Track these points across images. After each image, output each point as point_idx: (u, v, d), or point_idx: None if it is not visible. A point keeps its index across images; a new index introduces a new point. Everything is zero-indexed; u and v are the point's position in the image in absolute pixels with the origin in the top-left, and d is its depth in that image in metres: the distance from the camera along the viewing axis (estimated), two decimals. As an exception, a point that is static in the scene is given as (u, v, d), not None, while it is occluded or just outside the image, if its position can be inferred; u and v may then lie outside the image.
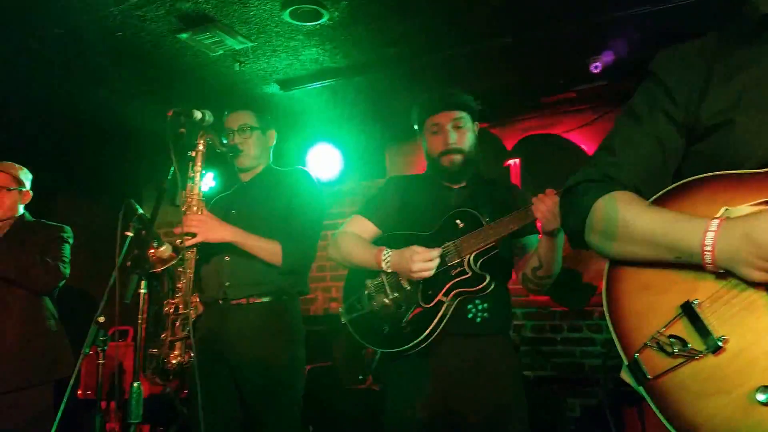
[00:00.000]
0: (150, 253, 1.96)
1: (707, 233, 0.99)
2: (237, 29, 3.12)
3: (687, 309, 1.02)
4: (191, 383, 2.36)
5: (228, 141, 2.46)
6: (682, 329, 1.03)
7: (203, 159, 2.32)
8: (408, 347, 1.96)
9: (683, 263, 1.03)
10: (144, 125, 4.26)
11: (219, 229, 2.28)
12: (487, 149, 4.36)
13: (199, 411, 2.05)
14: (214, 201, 2.62)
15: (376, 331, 2.06)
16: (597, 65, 3.40)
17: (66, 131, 4.51)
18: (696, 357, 1.00)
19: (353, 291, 2.16)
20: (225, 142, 2.44)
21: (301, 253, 2.40)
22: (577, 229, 1.20)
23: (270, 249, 2.33)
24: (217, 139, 2.34)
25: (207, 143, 2.32)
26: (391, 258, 2.01)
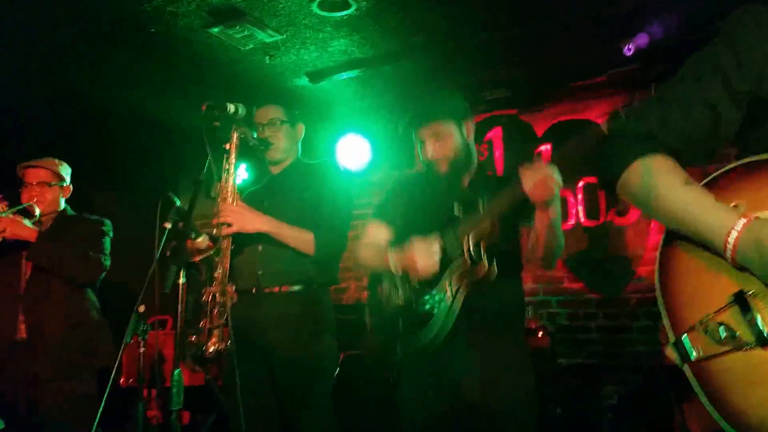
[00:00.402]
0: (188, 244, 2.01)
1: (732, 231, 0.99)
2: (266, 22, 3.15)
3: (739, 299, 1.02)
4: (229, 371, 2.42)
5: (258, 135, 2.50)
6: (731, 318, 1.02)
7: (237, 151, 2.35)
8: (420, 344, 1.98)
9: None
10: (178, 120, 4.33)
11: (254, 220, 2.32)
12: (517, 136, 4.33)
13: (238, 398, 2.10)
14: (246, 194, 2.66)
15: (393, 330, 2.09)
16: (629, 48, 3.32)
17: (102, 127, 4.62)
18: (744, 348, 0.99)
19: (374, 293, 2.20)
20: (255, 135, 2.47)
21: (333, 243, 2.43)
22: (610, 181, 1.20)
23: (303, 239, 2.36)
24: (249, 133, 2.38)
25: (240, 136, 2.35)
26: (397, 258, 2.04)
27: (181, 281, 1.76)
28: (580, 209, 4.04)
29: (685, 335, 1.05)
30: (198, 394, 3.87)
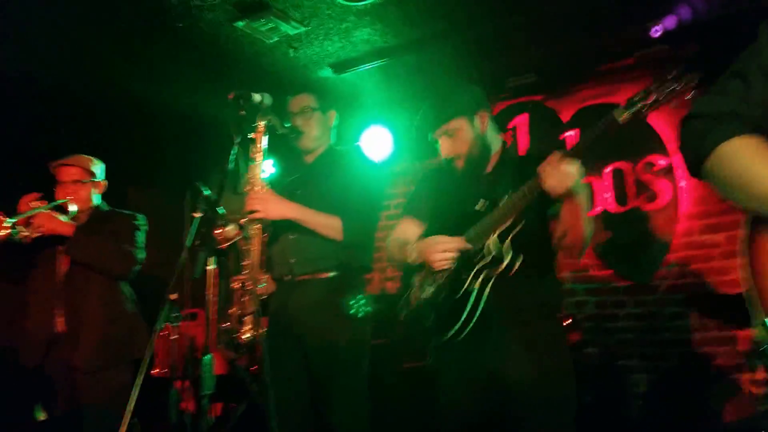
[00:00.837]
0: (216, 233, 2.05)
1: None
2: (290, 14, 3.18)
3: None
4: (261, 359, 2.46)
5: (290, 124, 2.52)
6: None
7: (264, 140, 2.37)
8: (448, 336, 1.99)
9: None
10: (207, 114, 4.39)
11: (280, 206, 2.35)
12: (542, 122, 4.28)
13: (268, 386, 2.14)
14: (283, 185, 2.67)
15: (424, 324, 2.12)
16: (657, 29, 3.25)
17: (133, 123, 4.70)
18: None
19: (406, 287, 2.22)
20: (287, 125, 2.50)
21: (361, 227, 2.41)
22: (694, 163, 1.16)
23: (330, 224, 2.37)
24: (277, 121, 2.40)
25: (267, 125, 2.37)
26: (416, 251, 2.08)
27: (210, 267, 1.81)
28: (607, 195, 3.98)
29: None
30: (229, 383, 3.94)
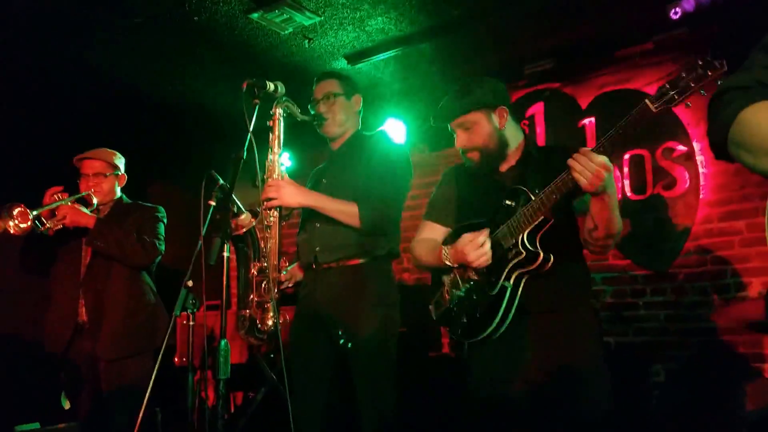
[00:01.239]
0: (231, 220, 2.07)
1: None
2: (304, 4, 3.18)
3: None
4: (281, 346, 2.47)
5: (315, 111, 2.53)
6: None
7: (280, 127, 2.38)
8: (484, 335, 2.01)
9: None
10: (225, 109, 4.44)
11: (295, 194, 2.34)
12: (560, 110, 4.23)
13: (284, 373, 2.16)
14: (311, 173, 2.70)
15: (457, 323, 2.13)
16: (676, 11, 3.17)
17: (153, 118, 4.77)
18: None
19: (437, 288, 2.23)
20: (312, 112, 2.50)
21: (379, 213, 2.36)
22: (719, 141, 1.12)
23: (347, 211, 2.35)
24: (295, 108, 2.40)
25: (285, 112, 2.38)
26: (449, 254, 2.08)
27: (226, 254, 1.84)
28: (626, 183, 3.93)
29: None
30: (249, 371, 3.99)
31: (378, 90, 4.40)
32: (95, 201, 3.07)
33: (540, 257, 1.91)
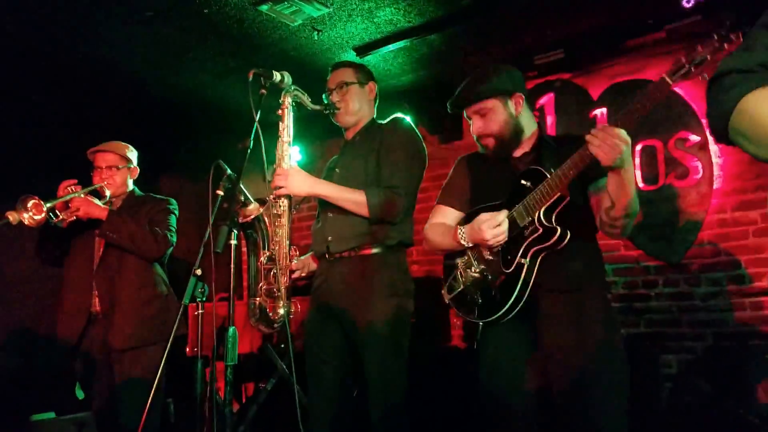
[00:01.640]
0: (239, 210, 2.08)
1: None
2: (313, -6, 3.19)
3: None
4: (291, 336, 2.48)
5: (328, 101, 2.53)
6: None
7: (290, 117, 2.38)
8: (500, 314, 2.01)
9: None
10: (235, 101, 4.44)
11: (303, 183, 2.35)
12: (570, 101, 4.20)
13: (291, 364, 2.18)
14: (326, 164, 2.70)
15: (472, 304, 2.14)
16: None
17: (163, 111, 4.80)
18: None
19: (450, 271, 2.24)
20: (326, 102, 2.51)
21: (388, 201, 2.35)
22: (720, 128, 1.11)
23: (355, 199, 2.35)
24: (306, 97, 2.40)
25: (294, 101, 2.38)
26: (466, 233, 2.09)
27: (233, 243, 1.86)
28: (637, 173, 3.89)
29: None
30: (261, 363, 4.02)
31: (387, 82, 4.39)
32: (108, 193, 3.11)
33: (557, 233, 1.92)
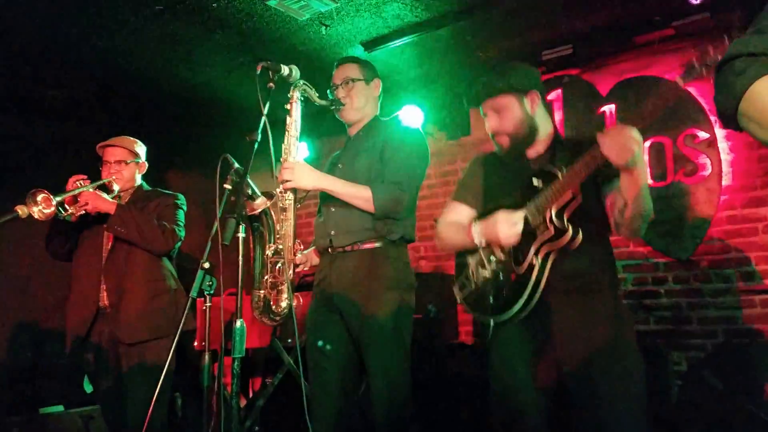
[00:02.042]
0: (246, 203, 2.08)
1: None
2: (320, -11, 3.19)
3: None
4: (308, 331, 2.50)
5: (333, 96, 2.54)
6: None
7: (298, 111, 2.39)
8: (512, 313, 2.01)
9: None
10: (244, 97, 4.46)
11: (310, 177, 2.35)
12: (579, 97, 4.18)
13: (299, 358, 2.19)
14: (329, 159, 2.71)
15: (483, 303, 2.13)
16: (698, -5, 3.13)
17: (172, 106, 4.82)
18: None
19: (461, 270, 2.24)
20: (330, 97, 2.52)
21: (393, 197, 2.36)
22: (729, 112, 1.08)
23: (361, 195, 2.36)
24: (313, 92, 2.40)
25: (302, 95, 2.39)
26: (480, 231, 2.08)
27: (241, 235, 1.87)
28: (646, 170, 3.88)
29: None
30: (268, 359, 4.03)
31: (394, 77, 4.38)
32: (116, 188, 3.12)
33: (568, 233, 1.91)
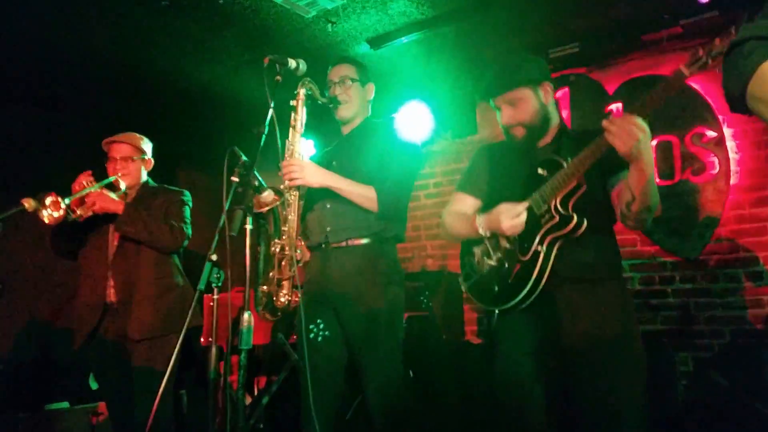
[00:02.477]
0: (253, 197, 2.08)
1: None
2: (327, -14, 3.19)
3: None
4: (303, 326, 2.49)
5: (329, 93, 2.56)
6: None
7: (303, 108, 2.40)
8: (517, 301, 2.02)
9: None
10: (250, 93, 4.46)
11: (318, 175, 2.38)
12: (586, 95, 4.17)
13: (305, 354, 2.19)
14: (319, 155, 2.72)
15: (489, 292, 2.15)
16: (706, -6, 3.12)
17: (178, 103, 4.82)
18: None
19: (467, 258, 2.26)
20: (327, 94, 2.53)
21: (395, 198, 2.44)
22: (737, 94, 1.07)
23: (366, 194, 2.40)
24: (317, 89, 2.43)
25: (308, 92, 2.40)
26: (484, 221, 2.10)
27: (248, 227, 1.87)
28: (653, 163, 3.87)
29: None
30: (272, 356, 4.02)
31: (401, 75, 4.38)
32: (123, 185, 3.11)
33: (573, 221, 1.92)
